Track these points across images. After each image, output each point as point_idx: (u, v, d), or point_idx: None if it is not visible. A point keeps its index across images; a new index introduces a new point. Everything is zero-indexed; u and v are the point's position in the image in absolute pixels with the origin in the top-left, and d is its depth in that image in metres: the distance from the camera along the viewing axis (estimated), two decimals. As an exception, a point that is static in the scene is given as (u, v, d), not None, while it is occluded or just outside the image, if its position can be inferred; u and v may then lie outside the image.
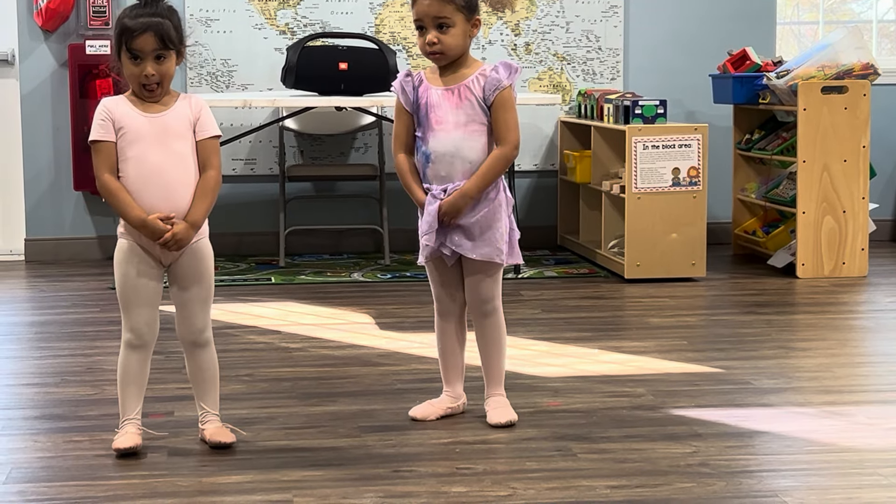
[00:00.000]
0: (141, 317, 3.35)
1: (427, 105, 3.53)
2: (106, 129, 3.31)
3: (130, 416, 3.38)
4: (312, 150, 6.94)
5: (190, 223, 3.31)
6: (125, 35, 3.29)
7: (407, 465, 3.24)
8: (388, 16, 6.86)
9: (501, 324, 3.66)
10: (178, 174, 3.32)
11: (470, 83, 3.51)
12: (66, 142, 6.70)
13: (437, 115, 3.52)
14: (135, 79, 3.31)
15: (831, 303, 5.50)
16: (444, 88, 3.52)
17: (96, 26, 6.61)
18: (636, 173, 5.89)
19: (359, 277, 6.16)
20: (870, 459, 3.27)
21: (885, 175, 7.21)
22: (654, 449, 3.36)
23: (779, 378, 4.14)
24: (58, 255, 6.78)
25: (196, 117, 3.35)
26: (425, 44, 3.49)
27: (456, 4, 3.47)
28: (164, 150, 3.31)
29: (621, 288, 5.83)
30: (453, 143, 3.51)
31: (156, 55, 3.29)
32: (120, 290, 3.38)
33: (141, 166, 3.30)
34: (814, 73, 6.07)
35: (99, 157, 3.32)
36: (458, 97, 3.51)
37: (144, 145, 3.30)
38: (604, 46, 7.04)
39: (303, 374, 4.24)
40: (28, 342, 4.83)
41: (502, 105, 3.50)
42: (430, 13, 3.47)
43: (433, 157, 3.52)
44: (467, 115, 3.51)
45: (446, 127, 3.51)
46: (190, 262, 3.36)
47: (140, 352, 3.37)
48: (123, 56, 3.31)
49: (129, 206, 3.29)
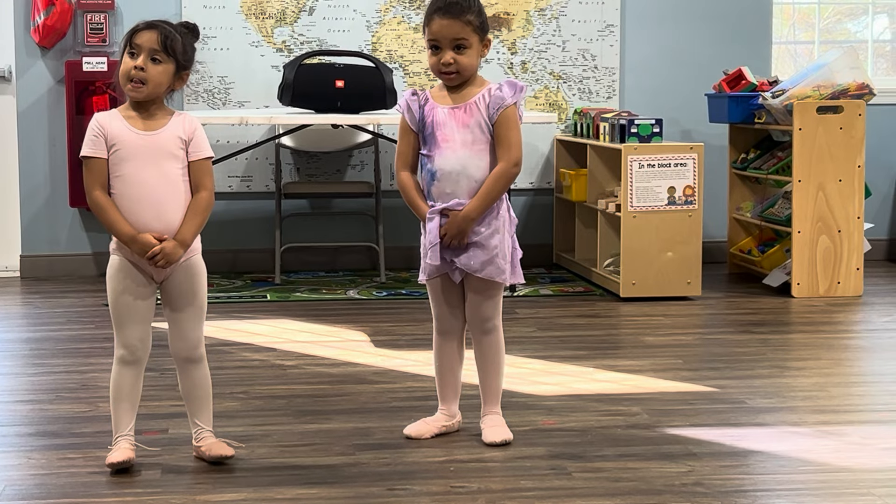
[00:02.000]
0: (133, 333, 3.35)
1: (433, 123, 3.54)
2: (98, 145, 3.30)
3: (123, 433, 3.37)
4: (309, 168, 6.94)
5: (179, 241, 3.30)
6: (131, 32, 3.31)
7: (402, 484, 3.23)
8: (385, 34, 6.88)
9: (501, 342, 3.66)
10: (169, 194, 3.31)
11: (476, 101, 3.53)
12: (62, 158, 6.70)
13: (443, 134, 3.53)
14: (125, 74, 3.28)
15: (826, 322, 5.50)
16: (451, 107, 3.54)
17: (93, 43, 6.62)
18: (632, 192, 5.90)
19: (354, 295, 6.15)
20: (864, 479, 3.27)
21: (880, 195, 7.22)
22: (648, 468, 3.36)
23: (774, 397, 4.14)
24: (53, 272, 6.78)
25: (189, 137, 3.34)
26: (440, 63, 3.51)
27: (473, 26, 3.51)
28: (156, 170, 3.30)
29: (617, 306, 5.83)
30: (459, 162, 3.52)
31: (152, 55, 3.29)
32: (112, 307, 3.38)
33: (133, 185, 3.29)
34: (809, 92, 6.08)
35: (90, 174, 3.31)
36: (464, 115, 3.53)
37: (137, 163, 3.29)
38: (600, 65, 7.05)
39: (298, 391, 4.24)
40: (23, 359, 4.83)
41: (505, 122, 3.52)
42: (448, 34, 3.49)
43: (439, 174, 3.54)
44: (473, 134, 3.53)
45: (453, 145, 3.52)
46: (182, 279, 3.36)
47: (133, 368, 3.37)
48: (124, 55, 3.31)
49: (118, 222, 3.29)
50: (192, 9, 6.71)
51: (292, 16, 6.84)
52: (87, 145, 3.31)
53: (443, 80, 3.56)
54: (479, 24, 3.53)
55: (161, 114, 3.35)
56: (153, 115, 3.34)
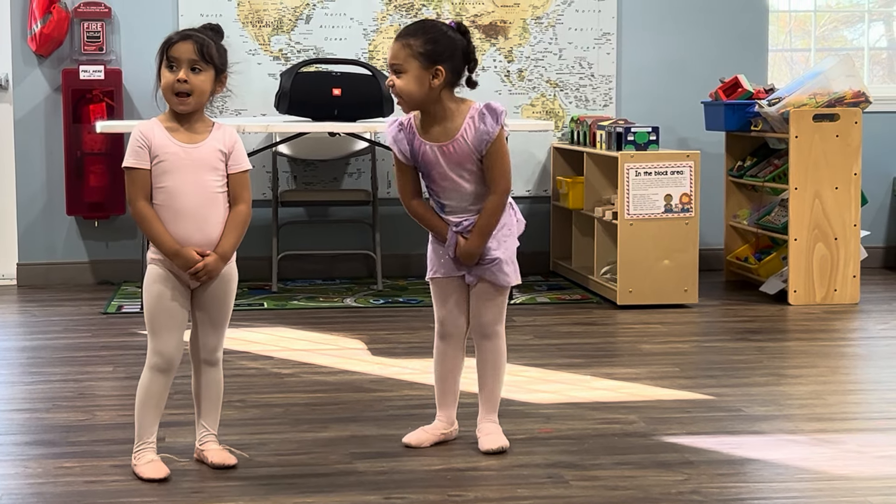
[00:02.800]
0: (171, 341, 3.35)
1: (426, 162, 3.56)
2: (142, 156, 3.30)
3: (148, 440, 3.37)
4: (306, 176, 6.95)
5: (220, 255, 3.33)
6: (166, 44, 3.32)
7: (398, 492, 3.23)
8: (382, 42, 6.89)
9: (503, 349, 3.67)
10: (210, 206, 3.34)
11: (462, 137, 3.52)
12: (59, 166, 6.70)
13: (439, 172, 3.55)
14: (168, 88, 3.30)
15: (823, 330, 5.50)
16: (439, 145, 3.53)
17: (90, 51, 6.63)
18: (628, 200, 5.90)
19: (351, 303, 6.16)
20: (860, 487, 3.27)
21: (876, 202, 7.23)
22: (645, 476, 3.36)
23: (770, 405, 4.14)
24: (50, 280, 6.78)
25: (230, 150, 3.37)
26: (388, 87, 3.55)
27: (411, 51, 3.48)
28: (198, 183, 3.32)
29: (613, 314, 5.83)
30: (461, 195, 3.56)
31: (192, 66, 3.31)
32: (150, 314, 3.36)
33: (176, 197, 3.31)
34: (805, 100, 6.09)
35: (134, 184, 3.30)
36: (454, 154, 3.53)
37: (180, 176, 3.30)
38: (596, 73, 7.06)
39: (294, 399, 4.23)
40: (19, 367, 4.82)
41: (495, 154, 3.53)
42: (389, 58, 3.53)
43: (448, 207, 3.59)
44: (467, 169, 3.54)
45: (452, 183, 3.55)
46: (217, 285, 3.40)
47: (165, 376, 3.36)
48: (162, 68, 3.32)
49: (162, 234, 3.30)
50: (188, 17, 6.71)
51: (289, 24, 6.85)
52: (131, 156, 3.30)
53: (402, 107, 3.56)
54: (422, 50, 3.48)
55: (202, 125, 3.36)
56: (194, 127, 3.35)
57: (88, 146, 6.64)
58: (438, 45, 3.49)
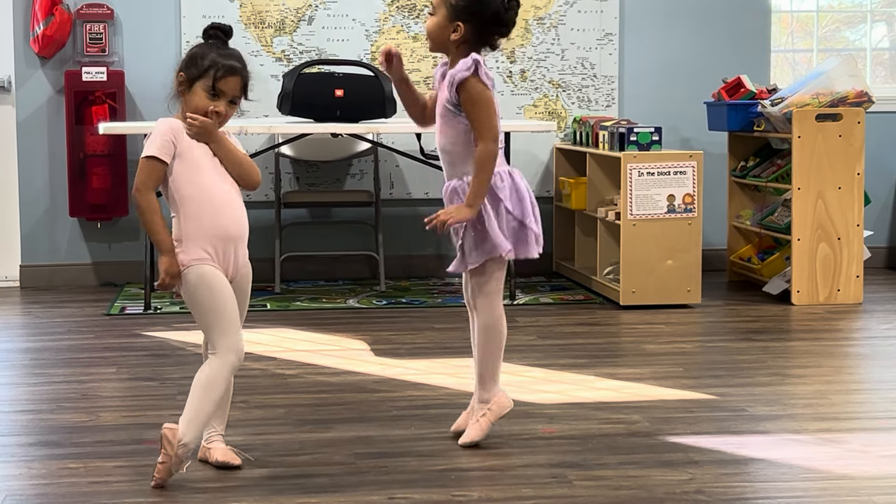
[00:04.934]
0: (240, 334, 3.35)
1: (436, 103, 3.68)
2: (167, 149, 3.31)
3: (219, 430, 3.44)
4: (308, 177, 6.95)
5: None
6: (216, 70, 3.32)
7: (402, 493, 3.23)
8: (385, 43, 6.88)
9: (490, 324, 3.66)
10: (237, 199, 3.38)
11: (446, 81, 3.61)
12: (61, 168, 6.70)
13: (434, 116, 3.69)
14: (200, 111, 3.33)
15: (826, 330, 5.50)
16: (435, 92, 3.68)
17: (92, 53, 6.63)
18: (631, 200, 5.90)
19: (354, 304, 6.15)
20: (865, 487, 3.27)
21: (879, 202, 7.22)
22: (649, 476, 3.36)
23: (774, 405, 4.14)
24: (53, 282, 6.78)
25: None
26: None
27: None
28: (224, 177, 3.36)
29: (617, 314, 5.83)
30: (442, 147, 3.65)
31: (231, 100, 3.36)
32: (218, 313, 3.32)
33: (213, 194, 3.33)
34: (808, 100, 6.09)
35: (149, 174, 3.31)
36: (441, 93, 3.63)
37: (211, 173, 3.34)
38: (599, 74, 7.06)
39: (298, 400, 4.23)
40: (23, 368, 4.82)
41: (468, 101, 3.56)
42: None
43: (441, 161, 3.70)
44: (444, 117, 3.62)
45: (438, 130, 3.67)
46: (244, 284, 3.45)
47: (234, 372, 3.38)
48: (200, 87, 3.33)
49: (164, 230, 3.32)
50: (191, 19, 6.71)
51: (292, 25, 6.85)
52: (157, 146, 3.30)
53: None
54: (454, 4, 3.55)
55: None
56: None
57: (91, 148, 6.64)
58: (468, 4, 3.55)
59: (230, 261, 3.37)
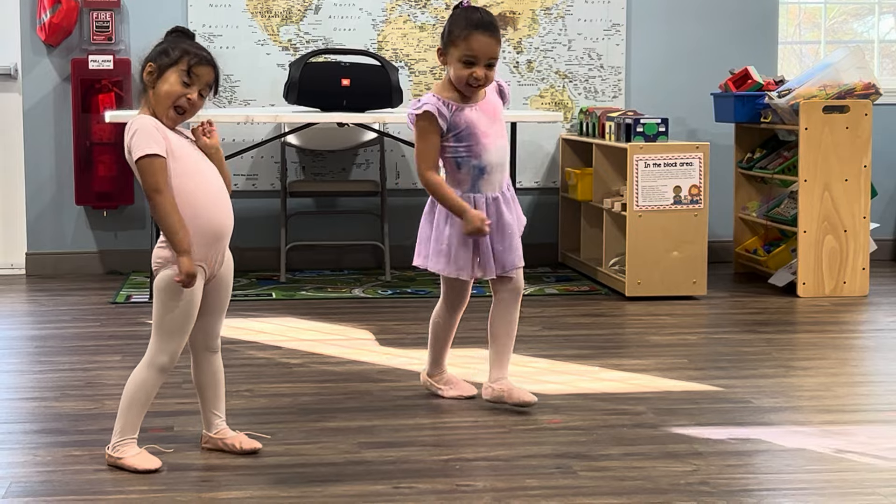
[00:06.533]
0: (184, 341, 3.34)
1: (469, 123, 3.80)
2: (161, 144, 3.25)
3: (133, 436, 3.36)
4: (314, 166, 6.94)
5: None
6: (190, 57, 3.28)
7: (407, 482, 3.23)
8: (391, 32, 6.88)
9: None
10: (227, 195, 3.37)
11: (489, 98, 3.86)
12: (68, 156, 6.71)
13: (481, 129, 3.80)
14: (172, 97, 3.27)
15: (832, 322, 5.50)
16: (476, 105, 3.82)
17: (99, 41, 6.63)
18: (637, 191, 5.90)
19: (359, 293, 6.16)
20: (869, 479, 3.27)
21: (886, 195, 7.21)
22: (654, 467, 3.36)
23: (779, 397, 4.14)
24: (58, 270, 6.79)
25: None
26: (471, 77, 3.75)
27: (500, 45, 3.80)
28: (213, 172, 3.35)
29: (622, 306, 5.83)
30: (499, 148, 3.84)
31: (201, 90, 3.31)
32: (176, 318, 3.30)
33: (208, 185, 3.32)
34: (815, 92, 6.08)
35: (159, 172, 3.24)
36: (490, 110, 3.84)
37: (201, 168, 3.32)
38: (606, 64, 7.05)
39: (303, 389, 4.24)
40: (28, 356, 4.83)
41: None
42: (487, 52, 3.75)
43: (489, 168, 3.82)
44: (500, 124, 3.86)
45: (493, 139, 3.81)
46: (226, 274, 3.43)
47: (166, 375, 3.36)
48: (173, 74, 3.27)
49: (182, 229, 3.26)
50: (197, 7, 6.71)
51: (298, 14, 6.84)
52: (155, 143, 3.23)
53: (465, 90, 3.80)
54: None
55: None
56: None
57: (97, 136, 6.64)
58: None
59: (216, 259, 3.36)
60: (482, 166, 3.80)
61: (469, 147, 3.79)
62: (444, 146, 3.81)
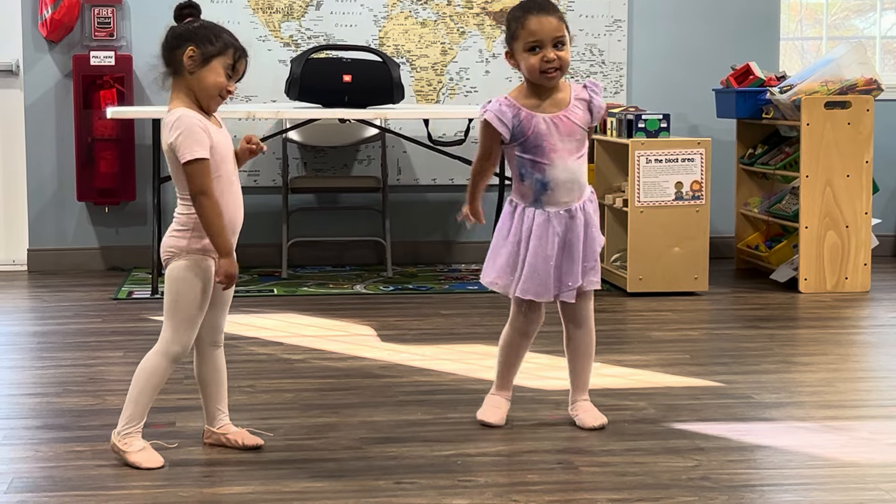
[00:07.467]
0: (195, 332, 3.34)
1: (537, 135, 3.53)
2: (206, 145, 3.24)
3: (139, 424, 3.36)
4: (316, 162, 6.95)
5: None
6: (236, 50, 3.31)
7: (409, 478, 3.24)
8: (392, 28, 6.88)
9: None
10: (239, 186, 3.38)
11: (572, 110, 3.56)
12: (69, 152, 6.71)
13: (550, 143, 3.53)
14: (218, 87, 3.28)
15: (834, 318, 5.50)
16: (551, 117, 3.54)
17: (101, 37, 6.63)
18: (639, 187, 5.89)
19: (361, 289, 6.16)
20: (871, 474, 3.27)
21: (887, 190, 7.21)
22: (655, 462, 3.36)
23: (781, 392, 4.14)
24: (60, 266, 6.79)
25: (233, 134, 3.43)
26: (542, 61, 3.49)
27: (565, 23, 3.54)
28: (234, 164, 3.36)
29: (623, 301, 5.83)
30: (566, 167, 3.54)
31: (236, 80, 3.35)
32: (190, 307, 3.29)
33: (231, 184, 3.33)
34: (817, 88, 6.07)
35: (206, 175, 3.23)
36: (566, 126, 3.55)
37: (228, 163, 3.32)
38: (607, 60, 7.05)
39: (304, 385, 4.24)
40: (30, 352, 4.83)
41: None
42: (549, 31, 3.48)
43: (551, 184, 3.54)
44: (577, 142, 3.56)
45: (560, 155, 3.54)
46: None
47: (176, 365, 3.36)
48: (219, 64, 3.29)
49: (224, 231, 3.27)
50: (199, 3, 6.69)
51: (300, 10, 6.84)
52: (201, 146, 3.22)
53: (543, 80, 3.53)
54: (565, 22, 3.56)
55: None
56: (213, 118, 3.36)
57: (99, 132, 6.64)
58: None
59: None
60: (545, 181, 3.53)
61: (533, 160, 3.53)
62: (511, 153, 3.57)
